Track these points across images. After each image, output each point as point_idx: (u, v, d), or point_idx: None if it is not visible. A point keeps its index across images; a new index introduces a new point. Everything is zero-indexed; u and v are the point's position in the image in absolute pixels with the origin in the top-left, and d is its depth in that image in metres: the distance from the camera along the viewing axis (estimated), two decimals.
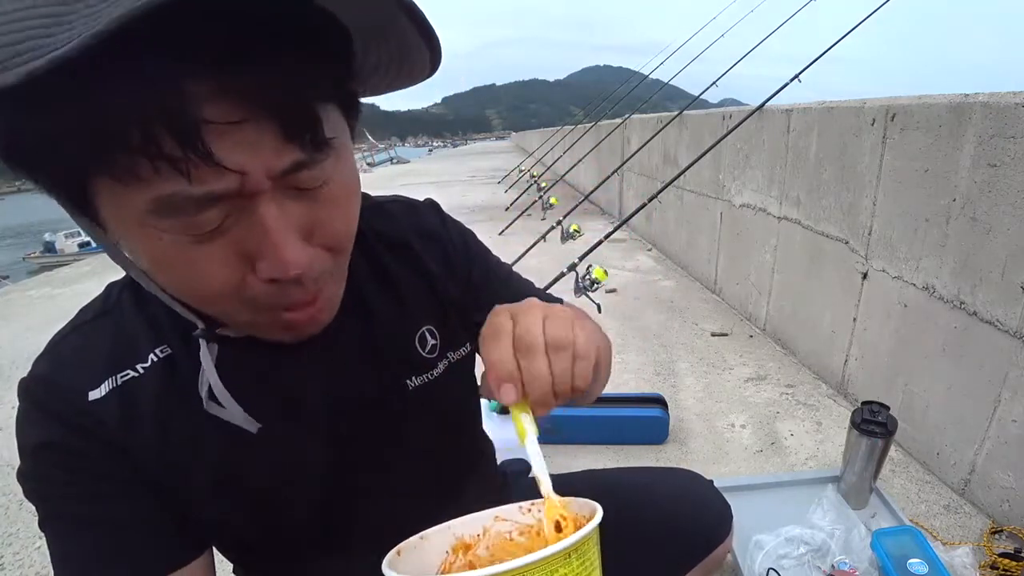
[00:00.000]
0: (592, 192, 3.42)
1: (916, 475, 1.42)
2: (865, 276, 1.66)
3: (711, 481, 0.80)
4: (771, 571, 1.03)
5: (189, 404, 0.44)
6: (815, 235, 1.93)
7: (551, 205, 4.91)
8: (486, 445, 0.73)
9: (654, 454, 1.57)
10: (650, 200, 2.65)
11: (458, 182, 9.41)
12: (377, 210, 0.55)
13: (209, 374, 0.42)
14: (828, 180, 1.84)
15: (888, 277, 1.56)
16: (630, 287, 3.08)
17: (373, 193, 0.57)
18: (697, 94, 3.17)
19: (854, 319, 1.72)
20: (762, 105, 2.26)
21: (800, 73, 2.27)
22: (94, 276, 4.04)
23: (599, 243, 2.35)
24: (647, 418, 1.60)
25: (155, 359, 0.44)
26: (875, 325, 1.63)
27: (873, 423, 1.06)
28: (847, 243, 1.75)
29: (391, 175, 12.93)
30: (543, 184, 5.33)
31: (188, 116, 0.28)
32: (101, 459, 0.42)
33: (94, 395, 0.42)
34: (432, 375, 0.55)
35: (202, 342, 0.42)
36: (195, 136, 0.29)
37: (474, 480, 0.66)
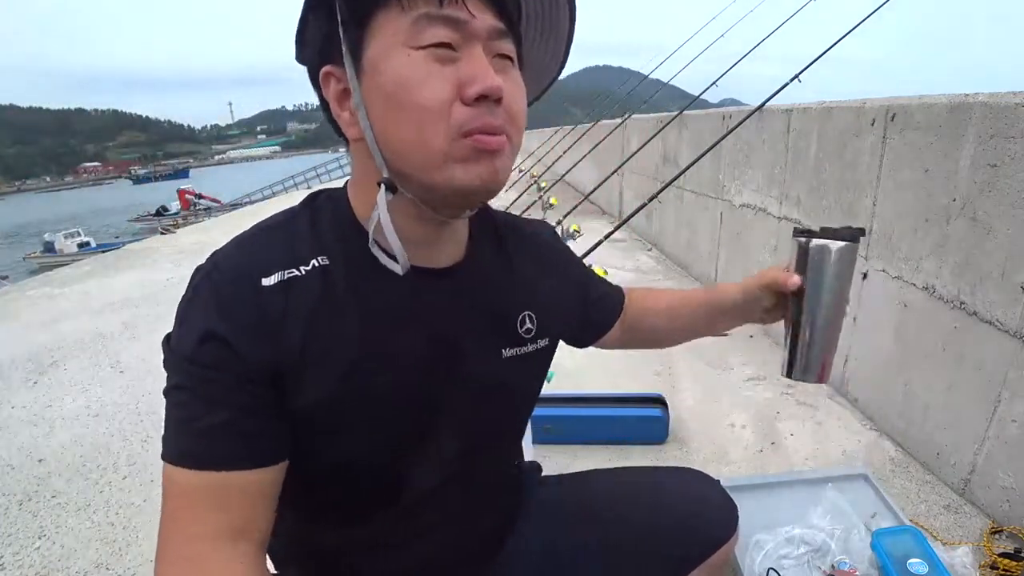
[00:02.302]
0: (592, 192, 3.41)
1: (916, 475, 1.42)
2: (865, 276, 1.66)
3: (717, 480, 0.80)
4: (771, 571, 1.03)
5: (334, 309, 0.51)
6: None
7: (551, 205, 4.90)
8: (520, 442, 0.78)
9: (654, 454, 1.57)
10: (650, 200, 2.64)
11: None
12: (511, 216, 0.70)
13: (381, 212, 0.48)
14: (828, 180, 1.84)
15: (888, 277, 1.56)
16: (630, 287, 3.07)
17: None
18: (697, 94, 3.17)
19: (854, 319, 1.72)
20: (762, 105, 2.26)
21: (800, 73, 2.26)
22: (94, 276, 4.04)
23: (599, 243, 2.35)
24: (647, 418, 1.60)
25: (316, 265, 0.51)
26: (875, 325, 1.63)
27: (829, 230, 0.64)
28: None
29: None
30: (543, 184, 5.32)
31: None
32: (252, 356, 0.47)
33: (266, 282, 0.49)
34: (521, 351, 0.63)
35: (381, 187, 0.49)
36: None
37: (508, 466, 0.73)
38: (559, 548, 0.73)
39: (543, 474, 0.86)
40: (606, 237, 2.38)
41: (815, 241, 0.63)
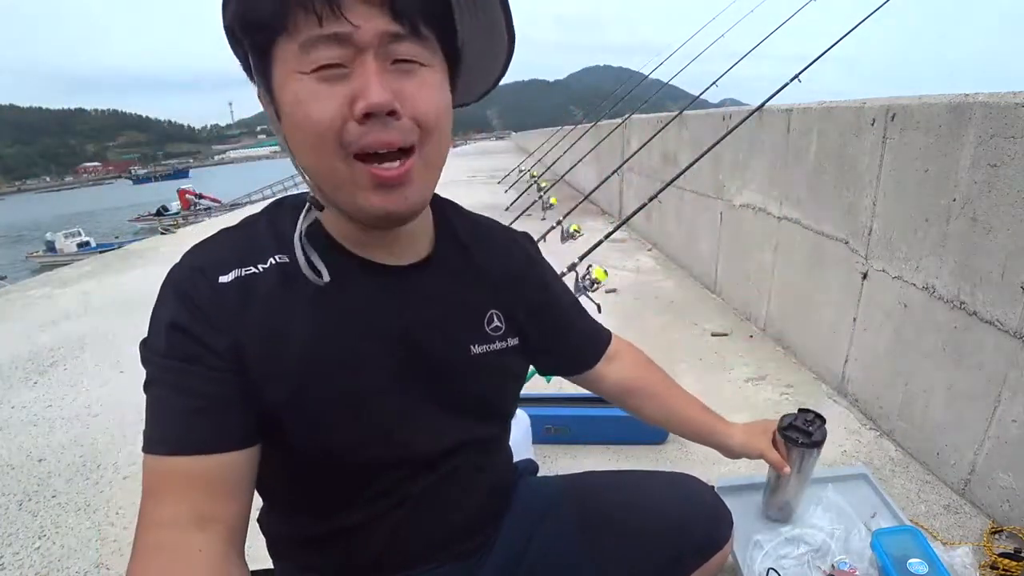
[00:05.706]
0: (592, 192, 3.41)
1: (916, 475, 1.42)
2: (865, 276, 1.66)
3: (712, 487, 0.80)
4: (771, 571, 1.03)
5: (293, 303, 0.53)
6: (815, 235, 1.93)
7: (551, 205, 4.91)
8: (507, 442, 0.78)
9: (654, 454, 1.57)
10: (650, 200, 2.65)
11: (458, 182, 9.40)
12: (483, 219, 0.71)
13: (298, 230, 0.51)
14: (828, 180, 1.84)
15: (888, 277, 1.56)
16: (630, 287, 3.08)
17: None
18: (697, 94, 3.17)
19: (854, 319, 1.72)
20: (762, 105, 2.26)
21: (800, 73, 2.26)
22: (94, 276, 4.04)
23: (599, 243, 2.35)
24: None
25: (274, 263, 0.54)
26: (875, 325, 1.63)
27: (800, 431, 0.94)
28: (847, 243, 1.75)
29: None
30: (543, 184, 5.32)
31: None
32: (212, 344, 0.50)
33: (223, 279, 0.52)
34: (491, 348, 0.64)
35: (307, 204, 0.52)
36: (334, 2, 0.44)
37: (491, 466, 0.72)
38: (550, 547, 0.73)
39: (540, 474, 0.86)
40: (606, 237, 2.39)
41: (803, 448, 0.94)
